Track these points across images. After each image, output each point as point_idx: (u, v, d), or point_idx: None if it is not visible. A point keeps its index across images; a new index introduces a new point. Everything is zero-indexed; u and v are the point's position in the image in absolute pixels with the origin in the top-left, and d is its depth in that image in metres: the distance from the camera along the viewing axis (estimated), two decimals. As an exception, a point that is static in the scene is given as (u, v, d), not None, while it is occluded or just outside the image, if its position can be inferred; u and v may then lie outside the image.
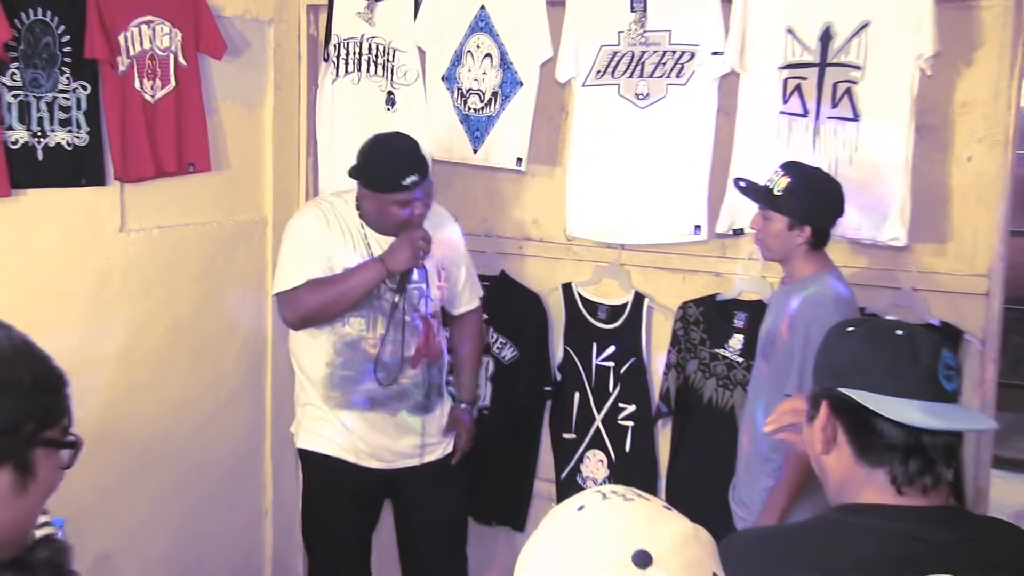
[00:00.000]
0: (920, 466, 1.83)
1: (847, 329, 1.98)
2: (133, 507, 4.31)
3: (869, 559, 1.80)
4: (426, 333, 4.03)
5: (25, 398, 1.58)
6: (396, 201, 3.81)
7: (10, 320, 3.69)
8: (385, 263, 3.82)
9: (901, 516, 1.85)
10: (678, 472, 4.42)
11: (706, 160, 4.09)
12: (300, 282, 3.89)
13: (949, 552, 1.81)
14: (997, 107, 3.78)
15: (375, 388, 3.97)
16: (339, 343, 3.96)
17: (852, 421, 1.89)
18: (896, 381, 1.84)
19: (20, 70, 3.69)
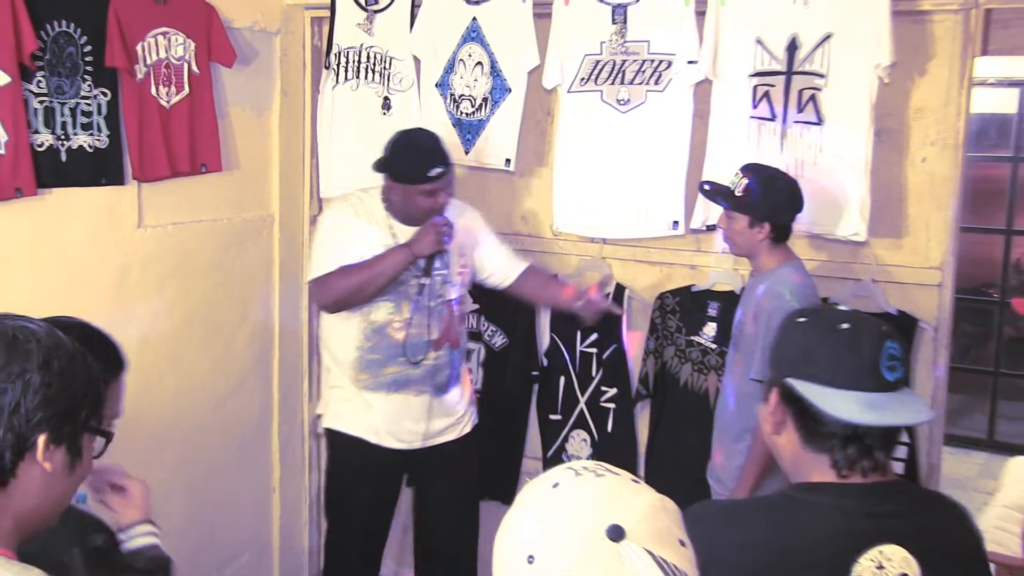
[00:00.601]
0: (857, 453, 1.87)
1: (798, 320, 1.99)
2: (151, 481, 4.29)
3: (817, 531, 1.86)
4: (449, 318, 4.07)
5: (85, 388, 1.63)
6: (422, 192, 3.85)
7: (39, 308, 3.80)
8: (412, 248, 3.86)
9: (847, 493, 1.88)
10: (656, 451, 4.45)
11: (682, 160, 4.13)
12: (333, 268, 3.91)
13: (893, 524, 1.86)
14: (948, 113, 3.83)
15: (401, 370, 4.01)
16: (368, 328, 3.99)
17: (798, 410, 1.92)
18: (839, 373, 1.86)
19: (45, 78, 3.72)
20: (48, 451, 1.58)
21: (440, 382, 4.10)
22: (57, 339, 1.61)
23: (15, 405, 1.53)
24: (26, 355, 1.55)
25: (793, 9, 3.87)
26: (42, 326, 1.62)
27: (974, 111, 3.96)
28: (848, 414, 1.84)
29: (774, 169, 3.72)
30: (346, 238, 3.98)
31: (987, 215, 7.34)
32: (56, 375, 1.57)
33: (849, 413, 1.84)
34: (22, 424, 1.54)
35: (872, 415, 1.84)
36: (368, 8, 4.62)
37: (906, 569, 1.84)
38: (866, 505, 1.88)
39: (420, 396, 4.06)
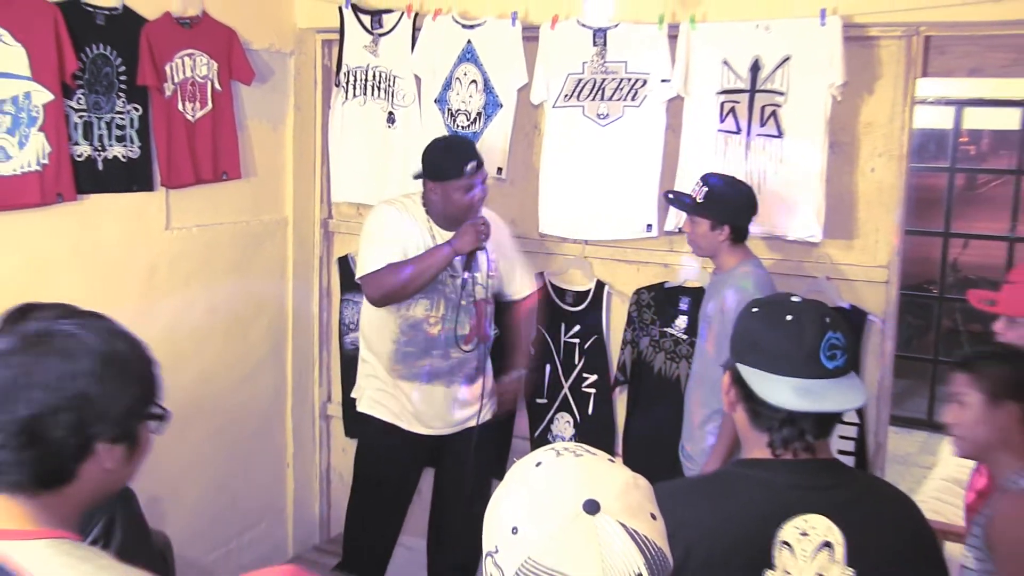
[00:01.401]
0: (791, 435, 1.88)
1: (752, 310, 1.98)
2: (177, 459, 4.34)
3: (749, 502, 1.88)
4: (479, 316, 4.06)
5: (138, 387, 1.61)
6: (460, 187, 3.85)
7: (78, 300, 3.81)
8: (453, 245, 3.84)
9: (781, 469, 1.90)
10: (632, 431, 4.45)
11: (656, 169, 4.14)
12: (381, 265, 3.88)
13: (818, 496, 1.88)
14: (893, 128, 3.84)
15: (434, 363, 4.01)
16: (404, 324, 3.98)
17: (744, 392, 1.92)
18: (781, 361, 1.86)
19: (85, 95, 3.75)
20: (108, 451, 1.56)
21: (469, 374, 4.10)
22: (111, 342, 1.58)
23: (74, 418, 1.50)
24: (82, 369, 1.51)
25: (756, 34, 3.88)
26: (94, 329, 1.57)
27: (916, 126, 3.98)
28: (782, 401, 1.85)
29: (730, 177, 3.74)
30: (391, 237, 3.95)
31: (927, 219, 7.37)
32: (111, 383, 1.54)
33: (784, 400, 1.85)
34: (81, 433, 1.52)
35: (804, 402, 1.85)
36: (374, 32, 4.62)
37: (829, 537, 1.85)
38: (793, 479, 1.89)
39: (451, 387, 4.07)
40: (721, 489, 1.96)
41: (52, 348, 1.50)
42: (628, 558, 1.22)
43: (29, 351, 1.50)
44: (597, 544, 1.22)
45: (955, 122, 7.38)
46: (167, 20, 4.06)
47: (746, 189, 3.68)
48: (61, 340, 1.52)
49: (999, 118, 7.45)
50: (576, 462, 1.33)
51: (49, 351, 1.50)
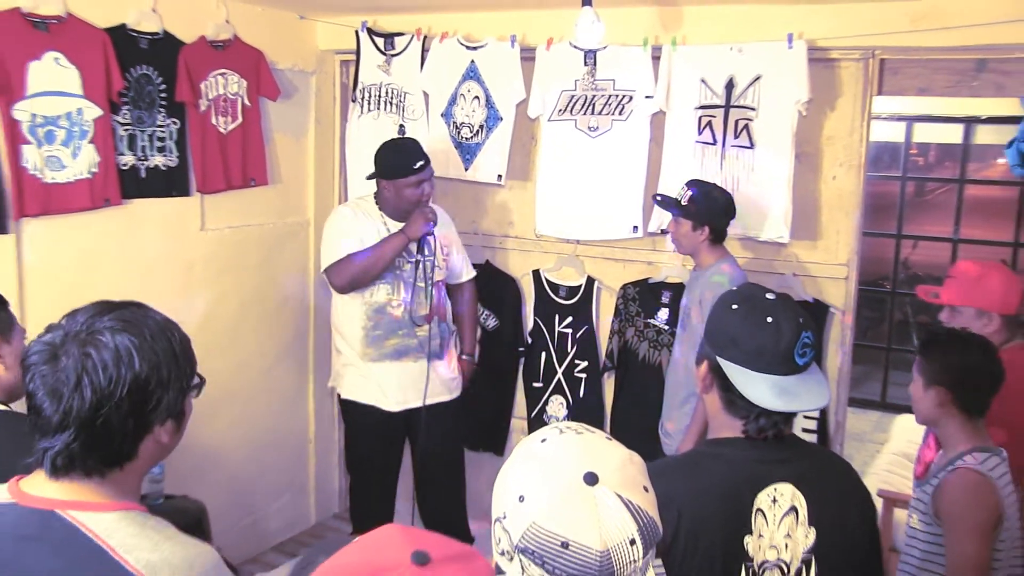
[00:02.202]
0: (767, 424, 1.88)
1: (732, 307, 1.93)
2: (213, 436, 4.37)
3: (723, 478, 1.88)
4: (437, 296, 4.07)
5: (183, 366, 1.59)
6: (410, 184, 3.88)
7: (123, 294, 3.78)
8: (406, 232, 3.88)
9: (748, 446, 1.90)
10: (619, 411, 4.46)
11: (641, 176, 4.15)
12: (343, 255, 3.92)
13: (784, 468, 1.89)
14: (853, 140, 3.87)
15: (401, 341, 4.01)
16: (370, 310, 3.99)
17: (722, 382, 1.90)
18: (759, 359, 1.85)
19: (130, 111, 3.77)
20: (163, 427, 1.58)
21: (434, 349, 4.10)
22: (154, 337, 1.55)
23: (132, 407, 1.50)
24: (131, 363, 1.49)
25: (730, 55, 3.89)
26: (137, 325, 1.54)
27: (872, 139, 4.00)
28: (763, 401, 1.84)
29: (712, 184, 3.74)
30: (348, 231, 3.98)
31: (882, 222, 7.40)
32: (160, 372, 1.53)
33: (764, 400, 1.84)
34: (140, 419, 1.53)
35: (781, 401, 1.84)
36: (387, 53, 4.61)
37: (795, 502, 1.87)
38: (761, 454, 1.90)
39: (418, 362, 4.06)
40: (702, 467, 1.95)
41: (101, 347, 1.48)
42: (623, 525, 1.23)
43: (81, 348, 1.48)
44: (596, 512, 1.23)
45: (906, 136, 7.43)
46: (202, 43, 4.06)
47: (725, 195, 3.68)
48: (106, 339, 1.49)
49: (944, 133, 7.50)
50: (578, 439, 1.33)
51: (100, 346, 1.48)
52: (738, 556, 1.84)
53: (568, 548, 1.22)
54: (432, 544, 1.12)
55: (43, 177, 3.47)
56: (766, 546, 1.85)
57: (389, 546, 1.10)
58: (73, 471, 1.50)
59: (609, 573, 1.22)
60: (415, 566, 1.06)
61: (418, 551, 1.07)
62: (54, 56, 3.46)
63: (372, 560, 1.09)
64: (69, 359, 1.46)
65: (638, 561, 1.24)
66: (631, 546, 1.23)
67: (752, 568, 1.85)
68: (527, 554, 1.24)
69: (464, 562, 1.11)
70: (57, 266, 3.59)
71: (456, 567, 1.09)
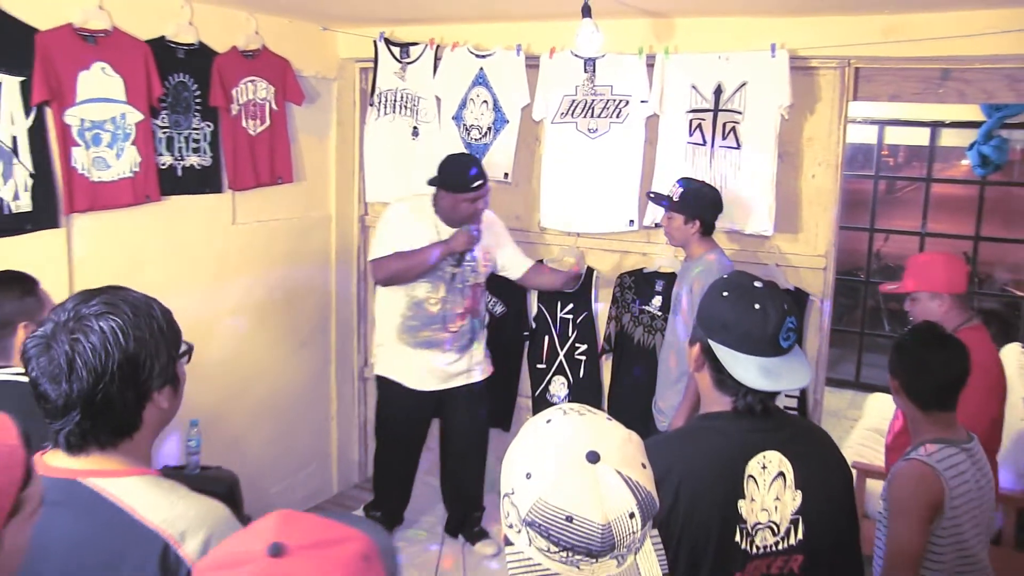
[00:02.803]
0: (753, 401, 1.88)
1: (723, 294, 1.92)
2: (244, 413, 4.40)
3: (717, 448, 1.89)
4: (472, 297, 4.07)
5: (168, 336, 1.58)
6: (467, 199, 3.88)
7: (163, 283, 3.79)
8: (448, 245, 3.90)
9: (738, 419, 1.90)
10: (616, 391, 4.47)
11: (637, 174, 4.15)
12: (389, 252, 3.93)
13: (771, 437, 1.90)
14: (830, 142, 3.86)
15: (433, 335, 4.03)
16: (410, 302, 4.01)
17: (714, 363, 1.91)
18: (747, 342, 1.85)
19: (168, 115, 3.79)
20: (160, 394, 1.58)
21: (463, 344, 4.11)
22: (135, 313, 1.54)
23: (127, 378, 1.51)
24: (116, 341, 1.49)
25: (718, 63, 3.88)
26: (119, 306, 1.53)
27: (848, 141, 3.98)
28: (749, 380, 1.85)
29: (702, 181, 3.74)
30: (401, 230, 3.98)
31: (856, 217, 7.39)
32: (148, 345, 1.53)
33: (750, 380, 1.84)
34: (139, 387, 1.53)
35: (766, 382, 1.84)
36: (402, 61, 4.60)
37: (782, 468, 1.88)
38: (750, 425, 1.89)
39: (446, 353, 4.07)
40: (698, 438, 1.96)
41: (88, 331, 1.48)
42: (623, 499, 1.23)
43: (68, 338, 1.48)
44: (597, 488, 1.23)
45: (878, 138, 7.43)
46: (234, 53, 4.07)
47: (714, 191, 3.68)
48: (92, 323, 1.50)
49: (912, 136, 7.51)
50: (580, 420, 1.32)
51: (87, 334, 1.48)
52: (733, 519, 1.85)
53: (572, 521, 1.21)
54: (302, 532, 1.08)
55: (90, 176, 3.50)
56: (758, 509, 1.87)
57: (257, 536, 1.07)
58: (88, 446, 1.52)
59: (610, 544, 1.22)
60: (268, 557, 1.03)
61: (275, 543, 1.04)
62: (101, 66, 3.49)
63: (235, 551, 1.07)
64: (61, 347, 1.47)
65: (637, 533, 1.24)
66: (630, 519, 1.23)
67: (746, 529, 1.86)
68: (534, 527, 1.24)
69: (326, 549, 1.06)
70: (103, 257, 3.60)
71: (314, 555, 1.05)
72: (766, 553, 1.89)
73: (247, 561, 1.04)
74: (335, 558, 1.07)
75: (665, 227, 3.75)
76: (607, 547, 1.22)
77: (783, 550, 1.90)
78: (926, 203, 7.28)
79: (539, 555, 1.25)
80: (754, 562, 1.88)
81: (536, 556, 1.26)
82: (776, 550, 1.90)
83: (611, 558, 1.24)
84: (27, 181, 3.28)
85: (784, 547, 1.90)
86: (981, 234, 7.12)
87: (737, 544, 1.86)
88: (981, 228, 7.11)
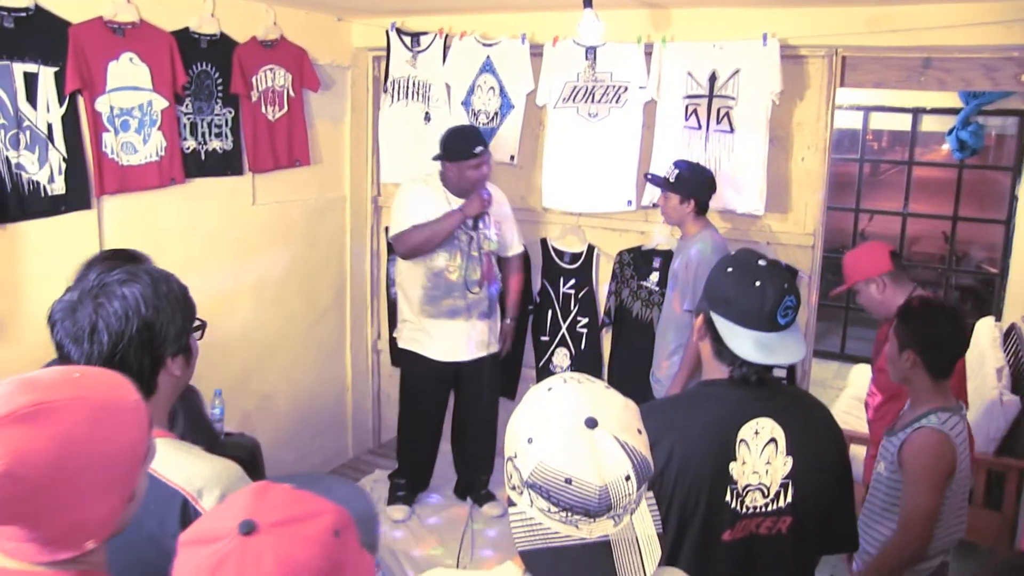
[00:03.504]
0: (747, 372, 1.89)
1: (727, 269, 1.94)
2: (264, 383, 4.41)
3: (711, 413, 1.89)
4: (488, 265, 4.08)
5: (183, 308, 1.62)
6: (470, 166, 3.89)
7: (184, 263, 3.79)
8: (463, 211, 3.91)
9: (733, 387, 1.91)
10: (615, 362, 4.47)
11: (635, 157, 4.14)
12: (407, 226, 3.94)
13: (765, 404, 1.90)
14: (819, 127, 3.85)
15: (454, 303, 4.03)
16: (430, 273, 4.01)
17: (714, 334, 1.92)
18: (745, 317, 1.86)
19: (191, 102, 3.79)
20: (173, 362, 1.61)
21: (483, 310, 4.11)
22: (154, 284, 1.58)
23: (144, 343, 1.54)
24: (137, 307, 1.53)
25: (713, 51, 3.86)
26: (140, 275, 1.58)
27: (835, 126, 3.96)
28: (745, 353, 1.86)
29: (696, 163, 3.74)
30: (417, 204, 3.98)
31: (842, 198, 7.38)
32: (164, 313, 1.56)
33: (746, 353, 1.86)
34: (153, 354, 1.56)
35: (761, 355, 1.85)
36: (413, 50, 4.58)
37: (774, 434, 1.88)
38: (744, 393, 1.90)
39: (468, 321, 4.07)
40: (693, 404, 1.98)
41: (111, 296, 1.53)
42: (619, 463, 1.22)
43: (92, 302, 1.52)
44: (595, 452, 1.22)
45: (863, 123, 7.43)
46: (253, 42, 4.06)
47: (708, 172, 3.68)
48: (115, 289, 1.54)
49: (895, 121, 7.51)
50: (579, 388, 1.32)
51: (109, 299, 1.52)
52: (724, 479, 1.85)
53: (571, 484, 1.21)
54: (273, 508, 1.07)
55: (119, 160, 3.51)
56: (749, 471, 1.87)
57: (229, 513, 1.07)
58: None
59: (607, 505, 1.22)
60: (239, 535, 1.02)
61: (246, 520, 1.04)
62: (129, 56, 3.49)
63: (209, 527, 1.07)
64: (86, 311, 1.52)
65: (632, 494, 1.24)
66: (626, 481, 1.22)
67: (736, 490, 1.87)
68: (535, 489, 1.24)
69: (296, 525, 1.06)
70: (131, 236, 3.59)
71: (283, 532, 1.04)
72: (755, 513, 1.90)
73: (220, 537, 1.04)
74: (305, 535, 1.06)
75: (662, 207, 3.75)
76: (604, 508, 1.22)
77: (772, 511, 1.91)
78: (908, 185, 7.27)
79: (540, 515, 1.25)
80: (743, 521, 1.89)
81: (537, 516, 1.26)
82: (766, 511, 1.91)
83: (608, 518, 1.24)
84: (61, 165, 3.29)
85: (773, 509, 1.91)
86: (959, 214, 7.12)
87: (727, 504, 1.87)
88: (959, 209, 7.10)
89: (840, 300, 7.59)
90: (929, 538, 2.46)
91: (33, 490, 1.06)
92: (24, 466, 1.05)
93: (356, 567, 1.10)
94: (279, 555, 1.03)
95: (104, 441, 1.12)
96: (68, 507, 1.10)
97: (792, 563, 1.97)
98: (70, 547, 1.14)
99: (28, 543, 1.11)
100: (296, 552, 1.04)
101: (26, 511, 1.08)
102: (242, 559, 1.02)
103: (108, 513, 1.15)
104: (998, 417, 4.19)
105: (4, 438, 1.05)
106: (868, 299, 3.29)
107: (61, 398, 1.10)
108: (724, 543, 1.89)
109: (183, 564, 1.07)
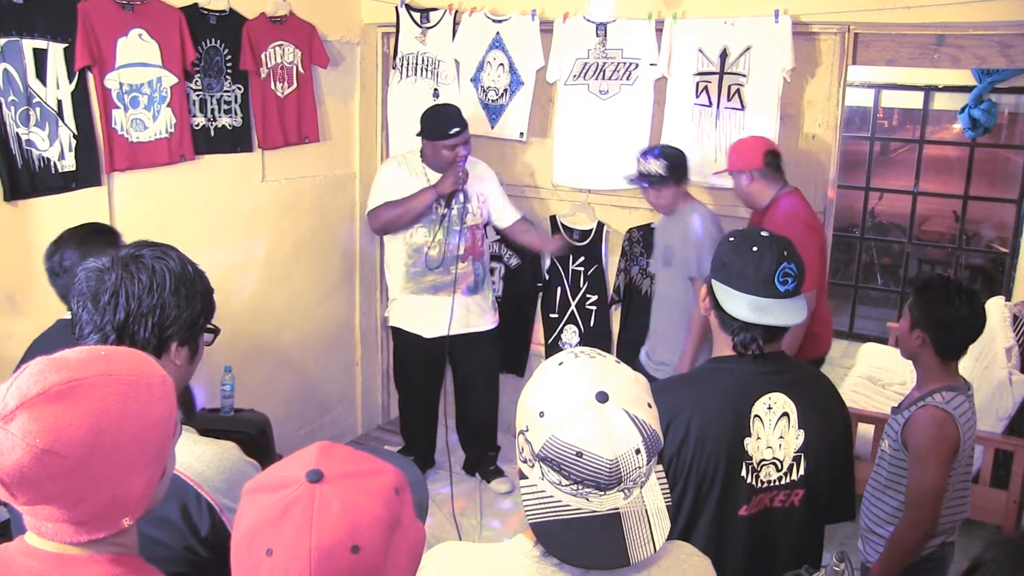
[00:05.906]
0: (747, 339, 1.91)
1: (729, 239, 1.99)
2: (274, 357, 4.42)
3: (725, 389, 1.92)
4: (472, 239, 4.09)
5: (201, 302, 1.62)
6: (446, 146, 3.92)
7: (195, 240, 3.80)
8: (436, 188, 3.93)
9: (745, 361, 1.94)
10: (624, 339, 4.50)
11: (646, 134, 4.12)
12: (380, 203, 3.99)
13: (776, 379, 1.93)
14: (830, 104, 3.83)
15: (437, 278, 4.05)
16: (410, 249, 4.04)
17: (716, 302, 1.95)
18: (741, 281, 1.89)
19: (201, 78, 3.78)
20: (177, 351, 1.60)
21: (469, 284, 4.13)
22: (184, 267, 1.60)
23: (156, 321, 1.54)
24: (163, 283, 1.55)
25: (724, 28, 3.85)
26: (173, 257, 1.60)
27: (847, 104, 3.94)
28: (738, 313, 1.89)
29: (668, 145, 3.78)
30: (391, 182, 4.04)
31: (852, 177, 7.35)
32: (183, 298, 1.57)
33: (739, 313, 1.89)
34: (161, 334, 1.56)
35: (755, 316, 1.88)
36: (422, 26, 4.56)
37: (786, 408, 1.92)
38: (756, 369, 1.93)
39: (453, 296, 4.07)
40: (707, 380, 1.99)
41: (141, 268, 1.54)
42: (629, 437, 1.23)
43: (123, 270, 1.54)
44: (606, 426, 1.23)
45: (874, 101, 7.39)
46: (263, 19, 4.04)
47: (680, 151, 3.72)
48: (147, 262, 1.56)
49: (907, 99, 7.47)
50: (590, 362, 1.33)
51: (139, 270, 1.54)
52: (740, 455, 1.88)
53: (582, 457, 1.22)
54: (339, 462, 1.11)
55: (129, 137, 3.51)
56: (763, 446, 1.90)
57: (299, 463, 1.10)
58: None
59: (617, 478, 1.23)
60: (307, 483, 1.05)
61: (314, 469, 1.07)
62: (138, 32, 3.48)
63: (278, 475, 1.10)
64: (114, 275, 1.53)
65: (642, 468, 1.25)
66: (636, 455, 1.23)
67: (751, 465, 1.90)
68: (547, 462, 1.25)
69: (360, 479, 1.09)
70: (142, 213, 3.62)
71: (349, 484, 1.08)
72: (770, 487, 1.94)
73: (288, 484, 1.07)
74: (368, 488, 1.09)
75: (654, 201, 3.76)
76: (614, 481, 1.23)
77: (786, 485, 1.95)
78: (919, 164, 7.22)
79: (551, 488, 1.27)
80: (759, 495, 1.93)
81: (548, 489, 1.27)
82: (779, 484, 1.94)
83: (618, 491, 1.25)
84: (71, 142, 3.29)
85: (787, 482, 1.94)
86: (970, 194, 7.08)
87: (743, 479, 1.90)
88: (970, 188, 7.07)
89: (849, 278, 7.61)
90: (938, 515, 2.47)
91: (71, 467, 1.07)
92: (61, 442, 1.06)
93: (410, 526, 1.13)
94: (345, 503, 1.05)
95: (137, 416, 1.13)
96: (105, 483, 1.11)
97: (805, 534, 2.02)
98: (107, 525, 1.15)
99: (65, 523, 1.13)
100: (361, 501, 1.06)
101: (64, 488, 1.08)
102: (309, 504, 1.04)
103: (143, 488, 1.16)
104: (1007, 397, 4.19)
105: (40, 416, 1.06)
106: (738, 187, 3.59)
107: (92, 375, 1.11)
108: (741, 518, 1.92)
109: (248, 509, 1.09)
